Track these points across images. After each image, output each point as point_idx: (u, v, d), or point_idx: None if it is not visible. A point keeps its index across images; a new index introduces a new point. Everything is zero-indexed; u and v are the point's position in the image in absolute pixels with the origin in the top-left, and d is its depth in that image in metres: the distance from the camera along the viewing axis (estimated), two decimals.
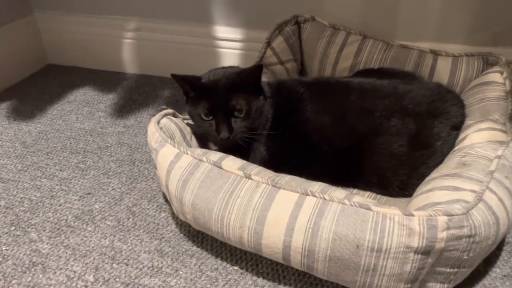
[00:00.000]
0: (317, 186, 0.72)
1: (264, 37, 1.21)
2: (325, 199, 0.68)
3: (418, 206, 0.72)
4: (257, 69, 0.86)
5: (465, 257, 0.65)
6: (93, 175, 1.05)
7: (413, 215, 0.63)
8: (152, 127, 0.83)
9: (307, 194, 0.69)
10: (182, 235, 0.87)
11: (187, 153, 0.78)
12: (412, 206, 0.74)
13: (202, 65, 1.19)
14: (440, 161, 0.87)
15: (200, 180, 0.75)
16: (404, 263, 0.63)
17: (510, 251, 0.82)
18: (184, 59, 1.48)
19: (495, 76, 1.01)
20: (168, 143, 0.80)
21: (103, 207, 0.95)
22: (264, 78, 1.12)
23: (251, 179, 0.73)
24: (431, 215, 0.62)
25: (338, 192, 0.70)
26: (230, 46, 1.43)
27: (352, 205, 0.66)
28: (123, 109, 1.34)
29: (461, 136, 0.89)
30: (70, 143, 1.18)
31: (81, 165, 1.09)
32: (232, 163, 0.77)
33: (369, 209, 0.65)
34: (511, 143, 0.81)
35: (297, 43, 1.26)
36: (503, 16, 1.16)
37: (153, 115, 0.89)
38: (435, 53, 1.14)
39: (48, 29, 1.60)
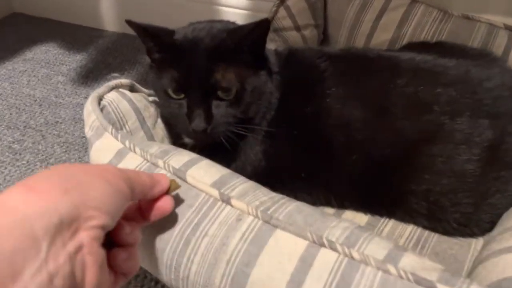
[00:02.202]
0: (340, 229, 0.42)
1: None
2: (353, 257, 0.39)
3: (505, 275, 0.43)
4: (262, 26, 0.55)
5: None
6: (28, 162, 0.77)
7: None
8: (88, 105, 0.54)
9: (322, 245, 0.40)
10: None
11: (135, 151, 0.49)
12: (492, 273, 0.45)
13: None
14: None
15: None
16: None
17: None
18: (176, 17, 1.16)
19: None
20: (108, 132, 0.51)
21: None
22: (272, 46, 0.82)
23: (231, 205, 0.44)
24: None
25: (376, 245, 0.40)
26: (234, 3, 1.12)
27: (401, 277, 0.37)
28: (90, 75, 1.05)
29: None
30: (10, 113, 0.90)
31: (15, 146, 0.81)
32: (204, 173, 0.48)
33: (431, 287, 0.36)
34: None
35: (320, 3, 0.96)
36: None
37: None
38: (511, 30, 0.83)
39: None
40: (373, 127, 0.59)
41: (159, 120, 0.64)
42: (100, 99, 0.56)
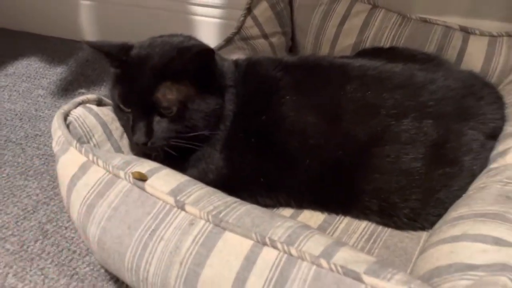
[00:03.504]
0: (283, 228, 0.46)
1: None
2: (291, 254, 0.43)
3: (437, 264, 0.47)
4: (205, 54, 0.59)
5: None
6: (8, 175, 0.80)
7: None
8: (55, 122, 0.58)
9: (265, 244, 0.44)
10: (102, 271, 0.63)
11: (98, 164, 0.53)
12: (427, 263, 0.49)
13: None
14: (468, 183, 0.62)
15: (112, 206, 0.50)
16: None
17: None
18: (152, 27, 1.21)
19: None
20: (72, 146, 0.55)
21: (8, 222, 0.71)
22: (241, 55, 0.86)
23: (185, 210, 0.48)
24: None
25: (315, 242, 0.45)
26: (206, 12, 1.16)
27: (332, 270, 0.41)
28: (70, 87, 1.08)
29: (500, 148, 0.64)
30: None
31: None
32: (163, 183, 0.52)
33: (358, 279, 0.40)
34: None
35: (286, 12, 1.00)
36: None
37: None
38: (466, 31, 0.88)
39: None
40: (325, 132, 0.63)
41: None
42: (66, 115, 0.59)
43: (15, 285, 0.61)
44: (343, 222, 0.65)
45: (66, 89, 1.08)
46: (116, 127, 0.65)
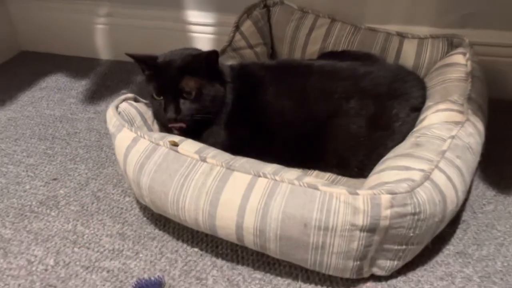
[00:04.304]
0: (270, 167, 0.73)
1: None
2: (276, 180, 0.69)
3: (369, 185, 0.73)
4: (212, 54, 0.86)
5: (412, 234, 0.66)
6: (60, 161, 1.05)
7: (357, 194, 0.64)
8: (110, 112, 0.84)
9: (259, 176, 0.70)
10: (145, 218, 0.88)
11: (144, 138, 0.79)
12: (364, 186, 0.75)
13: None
14: (399, 142, 0.87)
15: (157, 164, 0.76)
16: (351, 241, 0.65)
17: (465, 229, 0.83)
18: (157, 44, 1.46)
19: (458, 57, 1.01)
20: (125, 127, 0.81)
21: (68, 193, 0.95)
22: (233, 62, 1.13)
23: (206, 162, 0.74)
24: (375, 194, 0.64)
25: (290, 173, 0.71)
26: (202, 30, 1.42)
27: (301, 186, 0.67)
28: (95, 95, 1.34)
29: (421, 117, 0.90)
30: (39, 129, 1.18)
31: (48, 151, 1.09)
32: (190, 147, 0.78)
33: (316, 188, 0.66)
34: (467, 123, 0.82)
35: (266, 27, 1.26)
36: None
37: None
38: (401, 36, 1.15)
39: (21, 16, 1.58)
40: (297, 111, 0.89)
41: (155, 120, 0.94)
42: (116, 107, 0.85)
43: (83, 231, 0.86)
44: (313, 174, 0.92)
45: (92, 97, 1.33)
46: (148, 116, 0.91)
